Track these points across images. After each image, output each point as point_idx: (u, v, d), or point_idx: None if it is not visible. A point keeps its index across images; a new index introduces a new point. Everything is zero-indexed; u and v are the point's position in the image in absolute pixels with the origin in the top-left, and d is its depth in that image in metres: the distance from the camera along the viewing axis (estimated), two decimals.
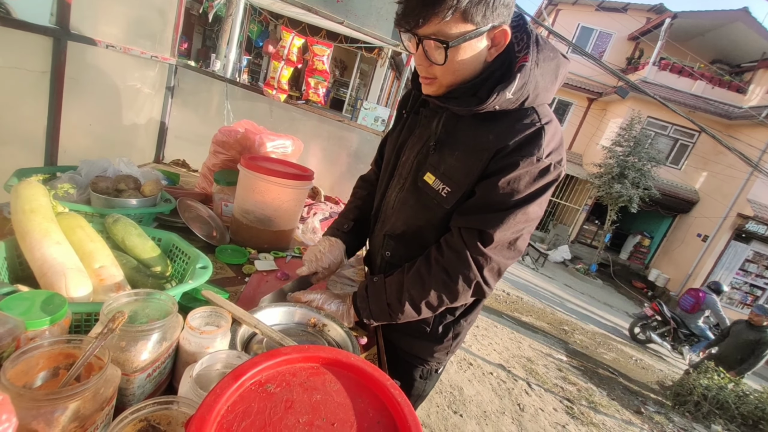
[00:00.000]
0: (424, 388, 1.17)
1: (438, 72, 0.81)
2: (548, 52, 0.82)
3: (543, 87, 0.82)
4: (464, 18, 0.72)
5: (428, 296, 0.89)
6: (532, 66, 0.79)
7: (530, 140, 0.80)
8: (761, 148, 9.90)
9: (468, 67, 0.80)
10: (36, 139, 1.44)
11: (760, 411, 4.25)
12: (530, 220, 0.85)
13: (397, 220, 1.01)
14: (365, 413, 0.50)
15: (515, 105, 0.82)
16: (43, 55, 1.34)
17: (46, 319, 0.54)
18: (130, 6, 1.74)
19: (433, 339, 1.06)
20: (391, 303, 0.92)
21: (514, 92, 0.78)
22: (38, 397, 0.43)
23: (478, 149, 0.83)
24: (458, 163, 0.86)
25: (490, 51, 0.80)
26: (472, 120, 0.86)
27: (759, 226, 9.81)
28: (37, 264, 0.69)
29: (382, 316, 0.94)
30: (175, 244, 0.97)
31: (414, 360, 1.11)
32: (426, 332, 1.05)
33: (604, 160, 10.90)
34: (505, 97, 0.78)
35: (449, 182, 0.87)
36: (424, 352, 1.09)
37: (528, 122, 0.81)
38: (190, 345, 0.64)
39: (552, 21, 13.71)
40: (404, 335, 1.08)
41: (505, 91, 0.77)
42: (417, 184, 0.94)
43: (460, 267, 0.86)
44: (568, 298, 8.17)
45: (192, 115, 2.31)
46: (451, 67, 0.79)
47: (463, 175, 0.86)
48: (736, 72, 12.75)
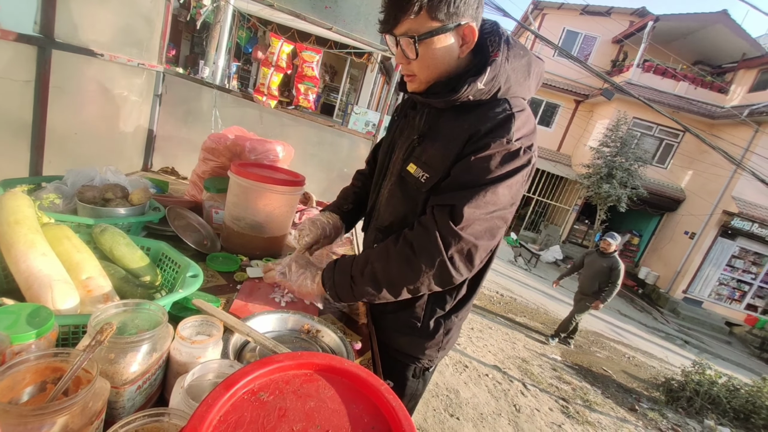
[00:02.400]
0: (417, 387, 1.17)
1: (415, 68, 0.90)
2: (518, 50, 0.91)
3: (515, 80, 0.90)
4: (430, 16, 0.81)
5: (390, 271, 0.89)
6: (502, 61, 0.86)
7: (501, 125, 0.86)
8: (744, 146, 10.14)
9: (441, 61, 0.88)
10: (20, 149, 1.41)
11: (751, 404, 4.32)
12: (500, 204, 0.86)
13: (385, 213, 1.08)
14: (360, 419, 0.49)
15: (488, 96, 0.89)
16: (27, 64, 1.32)
17: (32, 333, 0.53)
18: (117, 13, 1.72)
19: (424, 335, 1.07)
20: (354, 275, 0.93)
21: (485, 83, 0.86)
22: (25, 413, 0.41)
23: (455, 137, 0.90)
24: (437, 152, 0.93)
25: (461, 48, 0.88)
26: (452, 113, 0.93)
27: (744, 223, 10.03)
28: (23, 276, 0.67)
29: (344, 288, 0.95)
30: (164, 253, 0.96)
31: (405, 358, 1.12)
32: (417, 327, 1.06)
33: (593, 161, 11.07)
34: (477, 87, 0.86)
35: (428, 169, 0.93)
36: (416, 349, 1.10)
37: (500, 110, 0.87)
38: (181, 355, 0.63)
39: (538, 25, 13.94)
40: (395, 332, 1.09)
41: (476, 82, 0.85)
42: (401, 176, 1.01)
43: (426, 243, 0.86)
44: (560, 297, 8.24)
45: (181, 122, 2.29)
46: (425, 61, 0.87)
47: (440, 161, 0.91)
48: (718, 73, 13.08)
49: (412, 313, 1.05)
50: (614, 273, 4.79)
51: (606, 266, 4.84)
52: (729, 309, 11.00)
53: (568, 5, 13.66)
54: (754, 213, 9.92)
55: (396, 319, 1.07)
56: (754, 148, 10.03)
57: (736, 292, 11.02)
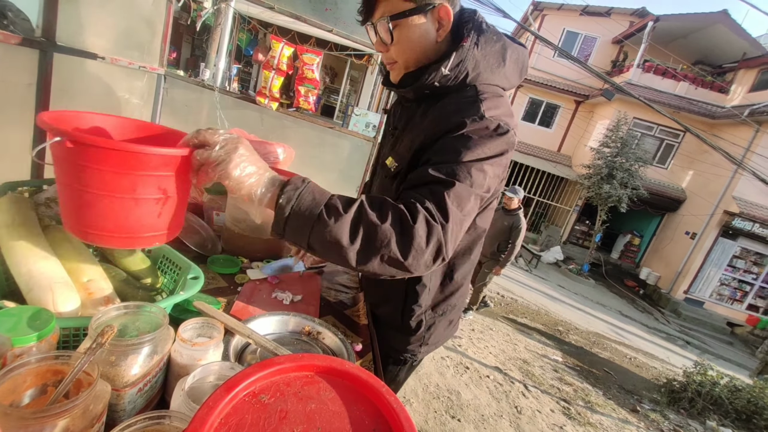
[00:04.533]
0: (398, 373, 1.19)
1: (394, 53, 0.88)
2: (491, 35, 0.87)
3: (485, 67, 0.87)
4: None
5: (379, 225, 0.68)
6: (470, 46, 0.84)
7: (469, 105, 0.83)
8: (745, 146, 10.13)
9: (417, 44, 0.86)
10: (22, 151, 1.41)
11: (753, 405, 4.30)
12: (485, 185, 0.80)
13: None
14: (361, 421, 0.49)
15: (455, 82, 0.86)
16: (29, 67, 1.33)
17: (33, 336, 0.53)
18: (118, 17, 1.73)
19: (405, 332, 1.08)
20: (331, 204, 0.69)
21: (450, 68, 0.84)
22: (26, 416, 0.42)
23: (425, 124, 0.89)
24: (408, 141, 0.93)
25: (438, 32, 0.86)
26: (425, 105, 0.93)
27: (745, 223, 10.01)
28: (24, 279, 0.68)
29: (306, 215, 0.68)
30: (165, 255, 0.96)
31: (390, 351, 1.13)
32: (399, 324, 1.08)
33: (593, 161, 11.05)
34: (442, 73, 0.84)
35: (399, 159, 0.94)
36: (399, 344, 1.12)
37: (467, 95, 0.85)
38: (181, 357, 0.63)
39: (538, 26, 13.95)
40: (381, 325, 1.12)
41: (440, 68, 0.84)
42: (380, 171, 1.03)
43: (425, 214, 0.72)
44: (561, 298, 8.23)
45: (182, 124, 2.29)
46: (402, 45, 0.86)
47: (407, 150, 0.91)
48: (718, 72, 13.07)
49: (395, 308, 1.06)
50: (514, 232, 4.37)
51: (507, 225, 4.40)
52: (730, 309, 10.97)
53: (568, 6, 13.67)
54: (755, 213, 9.90)
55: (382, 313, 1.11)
56: (754, 148, 10.02)
57: (737, 292, 10.99)
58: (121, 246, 0.70)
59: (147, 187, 0.63)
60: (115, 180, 0.61)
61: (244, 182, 0.67)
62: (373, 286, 1.17)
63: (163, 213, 0.67)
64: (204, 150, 0.65)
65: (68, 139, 0.58)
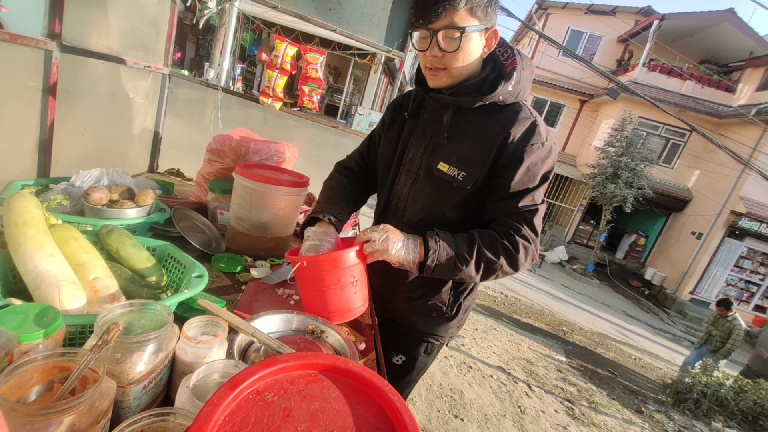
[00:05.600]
0: (426, 362, 1.30)
1: (448, 61, 0.95)
2: (527, 61, 1.04)
3: (525, 86, 1.03)
4: (471, 13, 0.90)
5: (494, 260, 0.97)
6: (520, 68, 0.99)
7: (532, 131, 0.99)
8: (751, 145, 10.03)
9: (470, 58, 0.96)
10: (28, 151, 1.43)
11: (759, 407, 4.26)
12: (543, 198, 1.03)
13: (414, 209, 1.12)
14: (364, 420, 0.49)
15: (513, 98, 1.01)
16: (35, 67, 1.34)
17: (40, 333, 0.53)
18: (123, 17, 1.74)
19: (449, 316, 1.20)
20: (459, 253, 0.96)
21: (513, 86, 0.98)
22: (32, 412, 0.42)
23: (487, 137, 0.99)
24: (471, 151, 1.01)
25: (483, 50, 0.98)
26: (477, 114, 1.02)
27: (752, 223, 9.91)
28: (31, 277, 0.68)
29: (445, 264, 0.96)
30: (170, 254, 0.96)
31: (428, 337, 1.24)
32: (443, 311, 1.18)
33: (598, 161, 10.99)
34: (507, 89, 0.98)
35: (464, 167, 1.01)
36: (441, 330, 1.22)
37: (524, 115, 1.00)
38: (186, 355, 0.63)
39: (542, 25, 13.88)
40: (422, 316, 1.20)
41: (507, 84, 0.97)
42: (432, 174, 1.05)
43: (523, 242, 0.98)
44: (565, 298, 8.19)
45: (186, 124, 2.31)
46: (461, 54, 0.94)
47: (476, 160, 1.00)
48: (725, 71, 12.94)
49: (439, 298, 1.16)
50: None
51: None
52: (737, 310, 10.85)
53: (573, 5, 13.58)
54: (762, 213, 9.80)
55: (423, 304, 1.17)
56: (762, 148, 9.91)
57: (744, 293, 10.88)
58: (341, 320, 0.99)
59: (346, 276, 0.95)
60: (328, 277, 0.94)
61: (400, 256, 0.96)
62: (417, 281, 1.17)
63: (357, 291, 0.99)
64: (369, 244, 0.95)
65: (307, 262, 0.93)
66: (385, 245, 0.94)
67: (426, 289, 1.16)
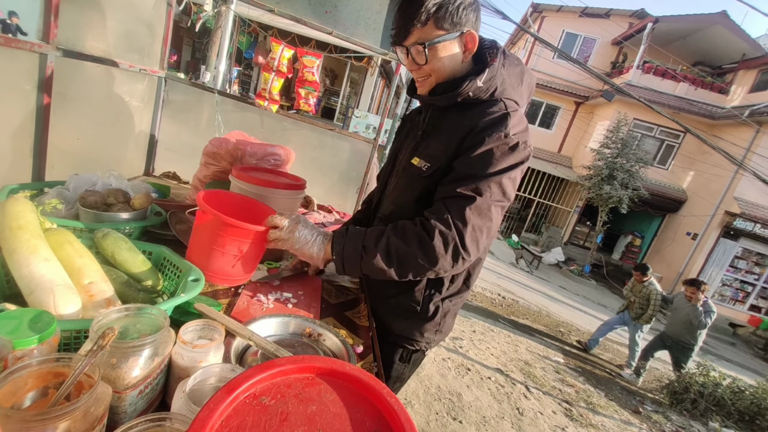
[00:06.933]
0: (403, 370, 1.24)
1: (428, 70, 1.00)
2: (513, 59, 1.05)
3: (509, 84, 1.02)
4: (436, 26, 0.93)
5: (405, 248, 0.93)
6: (499, 65, 0.99)
7: (498, 121, 0.95)
8: (745, 146, 10.12)
9: (448, 64, 0.99)
10: (23, 154, 1.42)
11: (756, 406, 4.28)
12: (504, 195, 0.96)
13: (387, 202, 1.18)
14: (362, 423, 0.49)
15: (486, 94, 1.00)
16: (30, 70, 1.33)
17: (35, 338, 0.53)
18: (118, 20, 1.73)
19: (423, 318, 1.14)
20: (367, 245, 0.96)
21: (484, 81, 0.97)
22: (27, 418, 0.42)
23: (456, 130, 1.00)
24: (438, 144, 1.03)
25: (464, 54, 1.00)
26: (454, 111, 1.04)
27: (746, 223, 9.99)
28: (25, 281, 0.68)
29: (353, 257, 0.96)
30: (166, 258, 0.96)
31: (402, 341, 1.18)
32: (416, 311, 1.13)
33: (593, 162, 11.05)
34: (477, 84, 0.97)
35: (430, 159, 1.03)
36: (415, 332, 1.16)
37: (496, 109, 0.98)
38: (182, 359, 0.63)
39: (537, 28, 13.97)
40: (395, 316, 1.16)
41: (476, 80, 0.96)
42: (407, 169, 1.10)
43: (441, 227, 0.92)
44: (563, 299, 8.21)
45: (182, 127, 2.30)
46: (434, 64, 0.98)
47: (441, 152, 1.01)
48: (718, 73, 13.07)
49: (412, 297, 1.12)
50: None
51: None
52: (732, 310, 10.93)
53: (567, 7, 13.69)
54: (757, 213, 9.88)
55: (396, 303, 1.14)
56: (755, 149, 10.01)
57: (739, 293, 10.95)
58: (211, 280, 0.98)
59: (233, 247, 0.94)
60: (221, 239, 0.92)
61: (304, 250, 0.99)
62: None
63: (236, 265, 0.97)
64: (275, 231, 0.97)
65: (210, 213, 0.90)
66: (289, 236, 0.97)
67: (398, 288, 1.12)
